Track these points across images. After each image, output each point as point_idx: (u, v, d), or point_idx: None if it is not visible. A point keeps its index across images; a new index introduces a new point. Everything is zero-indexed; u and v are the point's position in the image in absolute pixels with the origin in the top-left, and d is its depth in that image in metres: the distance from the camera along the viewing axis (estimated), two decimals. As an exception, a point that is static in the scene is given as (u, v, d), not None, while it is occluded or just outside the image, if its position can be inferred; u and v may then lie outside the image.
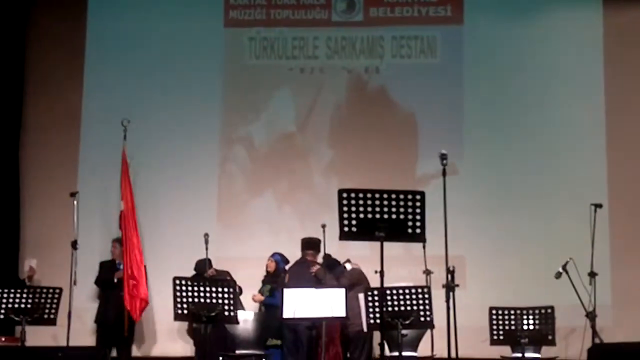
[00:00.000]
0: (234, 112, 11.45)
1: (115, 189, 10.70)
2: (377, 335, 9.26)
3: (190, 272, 9.98)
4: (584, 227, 9.18)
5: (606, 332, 9.34)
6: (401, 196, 6.23)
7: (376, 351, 9.73)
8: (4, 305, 8.25)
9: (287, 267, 10.18)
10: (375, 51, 11.47)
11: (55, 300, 8.62)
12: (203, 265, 9.99)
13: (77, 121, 11.37)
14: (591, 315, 8.66)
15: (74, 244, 9.63)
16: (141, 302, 10.29)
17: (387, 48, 11.44)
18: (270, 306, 9.99)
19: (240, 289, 9.96)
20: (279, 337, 9.83)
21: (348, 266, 9.87)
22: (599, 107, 10.97)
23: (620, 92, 10.95)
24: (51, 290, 8.64)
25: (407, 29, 11.44)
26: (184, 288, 7.77)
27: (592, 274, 8.96)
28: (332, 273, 9.70)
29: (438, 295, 7.58)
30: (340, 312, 7.74)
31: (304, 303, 7.73)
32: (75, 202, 9.86)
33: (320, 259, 9.89)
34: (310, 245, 9.99)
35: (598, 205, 9.25)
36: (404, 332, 7.66)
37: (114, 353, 10.17)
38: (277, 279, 10.14)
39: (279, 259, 10.30)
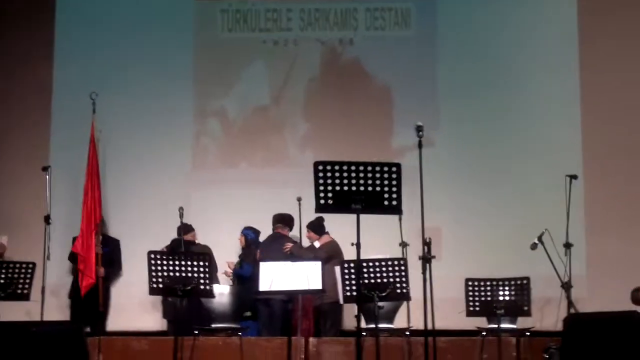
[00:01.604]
0: (207, 85, 11.37)
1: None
2: (350, 308, 9.29)
3: (163, 246, 9.95)
4: (559, 198, 9.21)
5: (581, 303, 9.38)
6: (377, 168, 6.26)
7: (352, 323, 9.74)
8: (-24, 281, 8.19)
9: (260, 241, 10.23)
10: (349, 23, 11.41)
11: (28, 276, 8.59)
12: (183, 229, 10.00)
13: (47, 94, 11.26)
14: (566, 286, 8.70)
15: (47, 219, 9.53)
16: (87, 279, 10.19)
17: (361, 20, 11.39)
18: (240, 277, 10.02)
19: (216, 267, 9.95)
20: (250, 309, 9.85)
21: (317, 244, 9.86)
22: (574, 77, 10.98)
23: (594, 62, 10.95)
24: (24, 265, 8.61)
25: (380, 0, 11.37)
26: (158, 262, 7.72)
27: (568, 245, 9.01)
28: (308, 249, 9.75)
29: (414, 267, 7.57)
30: (317, 284, 7.72)
31: (280, 276, 7.71)
32: (47, 177, 9.76)
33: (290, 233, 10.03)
34: (280, 219, 10.05)
35: (573, 177, 9.28)
36: (380, 304, 7.65)
37: (88, 328, 10.10)
38: (248, 250, 10.16)
39: (247, 232, 10.35)
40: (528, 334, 8.65)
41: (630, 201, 10.65)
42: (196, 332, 8.68)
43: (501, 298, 8.12)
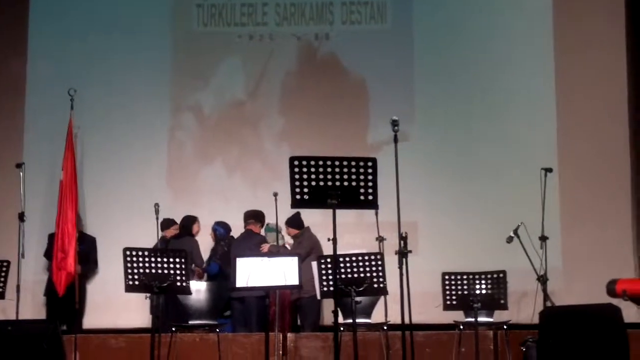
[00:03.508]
0: (183, 80, 11.34)
1: (62, 159, 10.52)
2: (328, 303, 9.29)
3: (139, 242, 9.87)
4: (535, 191, 9.22)
5: (557, 295, 9.42)
6: (353, 163, 6.27)
7: (329, 318, 9.74)
8: (-50, 280, 8.12)
9: (229, 237, 10.28)
10: (324, 17, 11.39)
11: (2, 274, 8.53)
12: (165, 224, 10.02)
13: (21, 89, 11.16)
14: (542, 279, 8.72)
15: (21, 216, 9.46)
16: (67, 275, 10.12)
17: (337, 14, 11.37)
18: (210, 275, 10.01)
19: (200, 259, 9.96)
20: (228, 306, 9.84)
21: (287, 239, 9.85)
22: (550, 70, 11.01)
23: (570, 56, 10.99)
24: (-2, 264, 8.54)
25: (356, -6, 11.38)
26: (134, 259, 7.67)
27: (543, 238, 9.01)
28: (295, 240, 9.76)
29: (391, 262, 7.57)
30: (294, 280, 7.71)
31: (257, 272, 7.69)
32: (21, 174, 9.68)
33: (263, 231, 10.02)
34: (253, 215, 10.01)
35: (548, 170, 9.29)
36: (357, 299, 7.63)
37: (64, 326, 10.04)
38: (216, 247, 10.21)
39: (217, 227, 10.34)
40: (505, 327, 8.67)
41: (605, 194, 10.70)
42: (173, 329, 8.64)
43: (478, 292, 8.13)
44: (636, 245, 10.69)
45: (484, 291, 8.15)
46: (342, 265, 7.69)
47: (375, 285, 7.78)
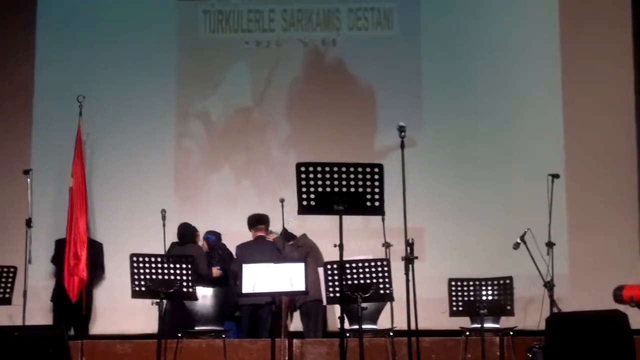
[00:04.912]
0: (190, 87, 11.34)
1: (70, 166, 10.55)
2: (335, 308, 9.30)
3: (146, 248, 9.89)
4: (542, 197, 9.24)
5: (564, 301, 9.40)
6: (359, 169, 6.27)
7: (336, 324, 9.75)
8: (-43, 286, 8.15)
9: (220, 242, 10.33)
10: (331, 23, 11.40)
11: (10, 279, 8.56)
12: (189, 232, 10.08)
13: (29, 96, 11.18)
14: (549, 285, 8.72)
15: (28, 222, 9.51)
16: (80, 281, 10.15)
17: (344, 20, 11.38)
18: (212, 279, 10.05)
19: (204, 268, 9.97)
20: (236, 309, 9.85)
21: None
22: (556, 77, 11.00)
23: (577, 61, 10.98)
24: (5, 269, 8.58)
25: (363, 0, 11.37)
26: (141, 265, 7.69)
27: (550, 244, 9.03)
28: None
29: (397, 268, 7.57)
30: (300, 286, 7.71)
31: (263, 278, 7.69)
32: (29, 180, 9.73)
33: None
34: (261, 220, 9.95)
35: (555, 176, 9.32)
36: (363, 305, 7.65)
37: (71, 332, 10.07)
38: (213, 253, 10.20)
39: (209, 236, 10.38)
40: (511, 333, 8.67)
41: (612, 200, 10.67)
42: (180, 334, 8.65)
43: (484, 298, 8.14)
44: (643, 251, 10.69)
45: (490, 297, 8.16)
46: (348, 271, 7.71)
47: (382, 292, 7.80)
